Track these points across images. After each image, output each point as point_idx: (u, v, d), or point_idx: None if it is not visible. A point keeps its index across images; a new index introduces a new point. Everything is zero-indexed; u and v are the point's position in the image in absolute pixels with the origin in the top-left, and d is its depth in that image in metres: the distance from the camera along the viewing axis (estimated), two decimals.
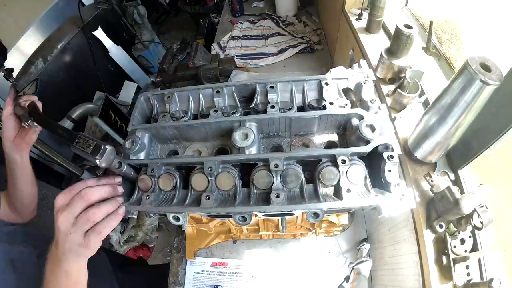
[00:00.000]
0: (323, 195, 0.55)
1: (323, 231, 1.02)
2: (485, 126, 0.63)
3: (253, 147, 0.60)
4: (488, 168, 0.74)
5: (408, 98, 0.85)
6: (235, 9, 2.28)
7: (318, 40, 1.94)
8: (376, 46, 1.11)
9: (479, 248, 0.66)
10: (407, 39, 0.85)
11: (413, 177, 0.75)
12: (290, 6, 2.17)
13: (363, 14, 1.26)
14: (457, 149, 0.71)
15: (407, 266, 0.79)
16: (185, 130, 0.65)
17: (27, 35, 2.26)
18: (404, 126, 0.84)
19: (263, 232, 0.99)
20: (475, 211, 0.57)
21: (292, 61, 1.85)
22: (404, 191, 0.51)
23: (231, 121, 0.62)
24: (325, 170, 0.54)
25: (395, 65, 0.91)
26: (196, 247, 1.11)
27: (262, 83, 0.66)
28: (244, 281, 1.08)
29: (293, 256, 1.10)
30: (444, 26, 0.96)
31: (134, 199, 0.59)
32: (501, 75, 0.52)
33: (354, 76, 0.66)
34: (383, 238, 0.98)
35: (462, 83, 0.56)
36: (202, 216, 0.87)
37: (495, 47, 0.76)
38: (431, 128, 0.67)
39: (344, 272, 1.04)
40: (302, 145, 0.64)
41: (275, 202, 0.52)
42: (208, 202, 0.54)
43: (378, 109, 0.60)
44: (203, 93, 0.69)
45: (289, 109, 0.63)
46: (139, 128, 0.64)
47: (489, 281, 0.57)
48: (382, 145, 0.55)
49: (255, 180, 0.55)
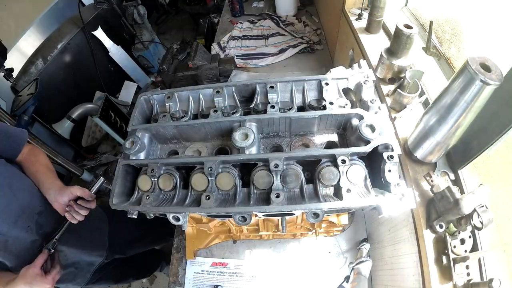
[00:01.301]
0: (323, 195, 0.55)
1: (323, 231, 1.02)
2: (485, 126, 0.63)
3: (253, 147, 0.60)
4: (488, 168, 0.74)
5: (408, 98, 0.85)
6: (235, 9, 2.28)
7: (318, 40, 1.94)
8: (376, 46, 1.11)
9: (479, 248, 0.66)
10: (407, 39, 0.85)
11: (413, 177, 0.75)
12: (290, 6, 2.17)
13: (363, 14, 1.26)
14: (457, 149, 0.71)
15: (407, 266, 0.79)
16: (185, 130, 0.65)
17: (27, 35, 2.26)
18: (404, 126, 0.84)
19: (263, 232, 0.99)
20: (475, 211, 0.57)
21: (292, 61, 1.85)
22: (404, 191, 0.51)
23: (231, 121, 0.62)
24: (325, 170, 0.54)
25: (395, 65, 0.91)
26: (196, 247, 1.10)
27: (262, 83, 0.66)
28: (244, 281, 1.08)
29: (293, 256, 1.10)
30: (444, 26, 0.96)
31: (134, 199, 0.59)
32: (501, 75, 0.52)
33: (354, 76, 0.66)
34: (383, 238, 0.98)
35: (462, 83, 0.56)
36: (202, 216, 0.87)
37: (495, 47, 0.76)
38: (431, 128, 0.67)
39: (344, 272, 1.04)
40: (302, 145, 0.64)
41: (275, 202, 0.52)
42: (208, 202, 0.54)
43: (378, 109, 0.60)
44: (203, 93, 0.69)
45: (289, 109, 0.63)
46: (139, 128, 0.64)
47: (489, 281, 0.57)
48: (382, 145, 0.55)
49: (255, 180, 0.55)
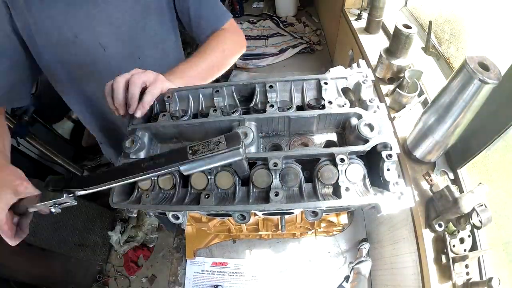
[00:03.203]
0: (322, 194, 0.55)
1: (322, 230, 1.02)
2: (484, 125, 0.63)
3: (252, 146, 0.60)
4: (487, 167, 0.74)
5: (407, 98, 0.85)
6: (235, 9, 2.28)
7: (317, 40, 1.95)
8: (375, 46, 1.12)
9: (478, 247, 0.66)
10: (406, 39, 0.86)
11: (412, 176, 0.75)
12: (290, 7, 2.18)
13: (363, 14, 1.27)
14: (456, 149, 0.71)
15: (406, 266, 0.79)
16: (184, 129, 0.65)
17: None
18: (403, 126, 0.84)
19: (262, 231, 0.99)
20: (474, 210, 0.57)
21: (292, 62, 1.86)
22: (403, 189, 0.51)
23: (231, 120, 0.62)
24: (324, 169, 0.54)
25: (394, 65, 0.91)
26: (195, 246, 1.11)
27: (261, 83, 0.66)
28: (244, 281, 1.08)
29: (293, 256, 1.10)
30: (443, 26, 0.96)
31: (134, 198, 0.59)
32: (499, 74, 0.52)
33: (353, 75, 0.66)
34: (383, 237, 0.98)
35: (460, 82, 0.56)
36: (202, 215, 0.87)
37: (494, 47, 0.76)
38: (430, 127, 0.67)
39: (344, 272, 1.04)
40: (301, 144, 0.64)
41: (274, 200, 0.52)
42: (208, 201, 0.54)
43: (377, 108, 0.60)
44: (203, 92, 0.69)
45: (288, 109, 0.63)
46: (139, 128, 0.65)
47: (488, 280, 0.57)
48: (381, 144, 0.55)
49: (254, 178, 0.55)
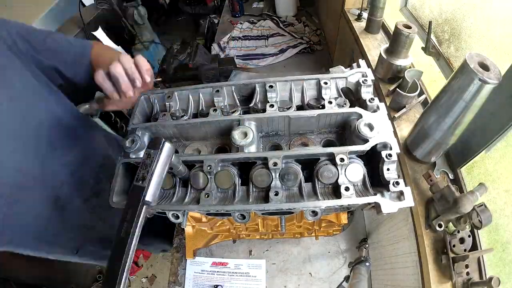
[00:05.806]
0: (322, 193, 0.55)
1: (322, 231, 1.02)
2: (484, 125, 0.63)
3: (252, 145, 0.60)
4: (487, 167, 0.74)
5: (407, 98, 0.85)
6: (235, 9, 2.29)
7: (317, 40, 1.95)
8: (375, 46, 1.12)
9: (478, 247, 0.66)
10: (406, 39, 0.86)
11: (412, 176, 0.75)
12: (290, 7, 2.18)
13: (363, 15, 1.27)
14: (456, 149, 0.71)
15: (406, 266, 0.79)
16: (185, 129, 0.65)
17: None
18: (403, 126, 0.84)
19: (262, 231, 0.99)
20: (474, 210, 0.57)
21: (292, 62, 1.86)
22: (402, 189, 0.51)
23: (231, 120, 0.62)
24: (323, 169, 0.54)
25: (394, 65, 0.91)
26: (195, 246, 1.10)
27: (261, 83, 0.66)
28: (244, 281, 1.08)
29: (293, 256, 1.10)
30: (443, 26, 0.96)
31: None
32: (499, 74, 0.52)
33: (353, 75, 0.66)
34: (383, 237, 0.98)
35: (460, 82, 0.56)
36: (202, 215, 0.87)
37: (494, 47, 0.76)
38: (430, 127, 0.67)
39: (344, 272, 1.04)
40: (301, 143, 0.64)
41: (274, 200, 0.52)
42: (208, 200, 0.54)
43: (377, 108, 0.60)
44: (203, 92, 0.69)
45: (288, 108, 0.63)
46: (139, 127, 0.65)
47: (488, 280, 0.57)
48: (381, 143, 0.55)
49: (254, 178, 0.55)
